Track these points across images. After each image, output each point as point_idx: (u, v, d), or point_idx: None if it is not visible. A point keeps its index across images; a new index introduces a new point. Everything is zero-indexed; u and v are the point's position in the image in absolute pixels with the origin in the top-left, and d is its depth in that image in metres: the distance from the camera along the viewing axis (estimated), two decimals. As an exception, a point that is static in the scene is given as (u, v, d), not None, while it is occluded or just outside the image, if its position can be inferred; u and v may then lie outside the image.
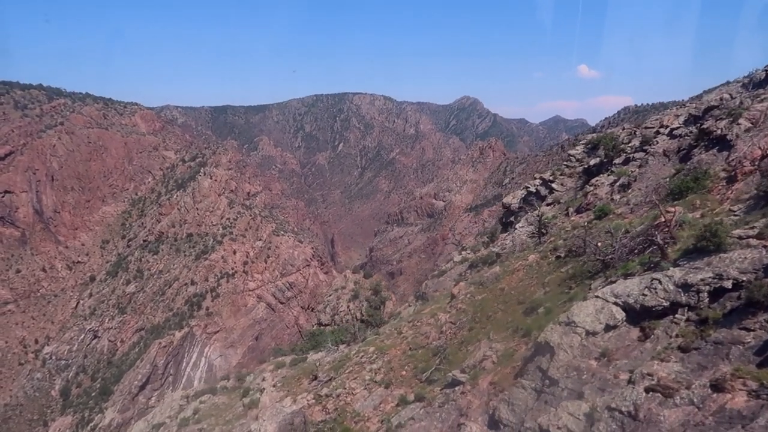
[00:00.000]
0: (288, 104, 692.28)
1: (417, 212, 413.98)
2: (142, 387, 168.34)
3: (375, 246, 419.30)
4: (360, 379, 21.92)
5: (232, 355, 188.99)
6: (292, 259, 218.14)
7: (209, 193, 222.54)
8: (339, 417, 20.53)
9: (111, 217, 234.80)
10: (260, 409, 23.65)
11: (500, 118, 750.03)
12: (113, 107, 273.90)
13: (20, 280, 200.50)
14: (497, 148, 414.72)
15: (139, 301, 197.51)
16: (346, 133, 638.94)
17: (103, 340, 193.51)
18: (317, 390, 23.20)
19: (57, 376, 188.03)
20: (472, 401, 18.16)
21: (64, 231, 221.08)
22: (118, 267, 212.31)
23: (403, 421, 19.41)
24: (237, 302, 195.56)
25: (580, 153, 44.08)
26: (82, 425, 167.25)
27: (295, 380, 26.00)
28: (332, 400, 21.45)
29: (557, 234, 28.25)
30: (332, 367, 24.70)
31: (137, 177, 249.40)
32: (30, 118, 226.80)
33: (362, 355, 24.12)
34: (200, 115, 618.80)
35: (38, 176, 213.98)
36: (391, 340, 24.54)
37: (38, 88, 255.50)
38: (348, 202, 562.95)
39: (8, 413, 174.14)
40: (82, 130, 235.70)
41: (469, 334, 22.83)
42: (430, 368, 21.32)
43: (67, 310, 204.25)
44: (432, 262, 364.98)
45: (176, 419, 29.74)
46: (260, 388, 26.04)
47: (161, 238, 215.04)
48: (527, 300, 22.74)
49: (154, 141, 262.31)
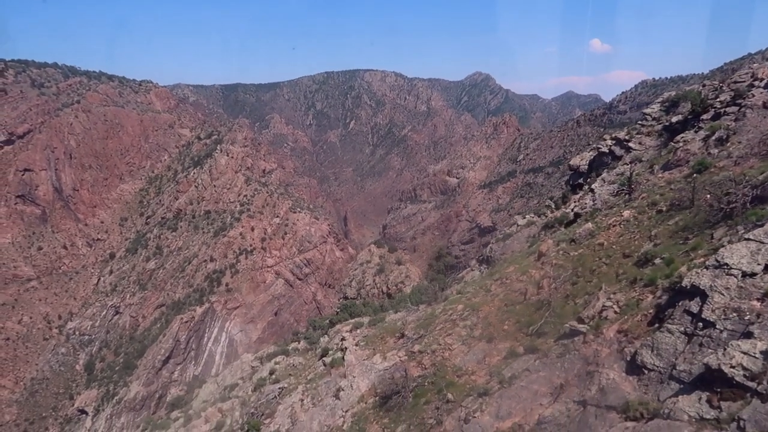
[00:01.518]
0: (299, 82, 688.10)
1: (430, 189, 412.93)
2: (165, 361, 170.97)
3: (388, 223, 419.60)
4: (455, 335, 21.90)
5: (252, 330, 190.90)
6: (309, 235, 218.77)
7: (226, 170, 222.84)
8: (438, 372, 20.53)
9: (129, 195, 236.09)
10: (347, 368, 23.71)
11: (512, 94, 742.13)
12: (128, 85, 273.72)
13: (42, 257, 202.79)
14: (511, 123, 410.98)
15: (160, 277, 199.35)
16: (358, 110, 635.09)
17: (124, 315, 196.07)
18: (408, 347, 23.23)
19: (81, 351, 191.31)
20: (599, 350, 18.07)
21: (83, 209, 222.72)
22: (138, 244, 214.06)
23: (517, 372, 19.39)
24: (256, 278, 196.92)
25: (657, 112, 43.43)
26: (107, 398, 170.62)
27: (378, 339, 26.05)
28: (427, 356, 21.46)
29: (650, 190, 27.91)
30: (419, 326, 24.71)
31: (153, 155, 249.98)
32: (47, 96, 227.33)
33: (451, 312, 24.09)
34: (211, 94, 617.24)
35: (56, 154, 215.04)
36: (479, 298, 24.46)
37: (53, 67, 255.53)
38: (360, 180, 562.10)
39: (35, 387, 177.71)
40: (98, 108, 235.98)
41: (574, 288, 22.81)
42: (537, 322, 21.21)
43: (88, 286, 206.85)
44: (446, 238, 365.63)
45: (250, 380, 29.95)
46: (341, 347, 26.08)
47: (179, 215, 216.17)
48: (634, 253, 22.63)
49: (169, 119, 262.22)
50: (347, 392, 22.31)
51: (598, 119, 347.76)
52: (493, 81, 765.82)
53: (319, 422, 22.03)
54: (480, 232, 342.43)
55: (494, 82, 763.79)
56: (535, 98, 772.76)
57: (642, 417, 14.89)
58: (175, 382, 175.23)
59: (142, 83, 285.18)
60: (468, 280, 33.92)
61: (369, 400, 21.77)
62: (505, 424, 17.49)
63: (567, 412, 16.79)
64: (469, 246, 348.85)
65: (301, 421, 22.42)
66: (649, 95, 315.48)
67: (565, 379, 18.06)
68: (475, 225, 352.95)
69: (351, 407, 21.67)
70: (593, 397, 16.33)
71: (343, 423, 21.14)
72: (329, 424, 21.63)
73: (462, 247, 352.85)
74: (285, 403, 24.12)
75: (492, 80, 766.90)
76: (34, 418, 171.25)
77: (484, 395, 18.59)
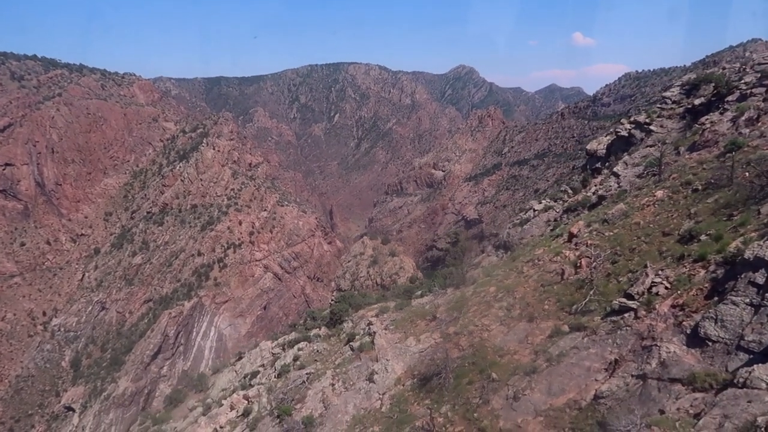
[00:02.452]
0: (282, 75, 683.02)
1: (416, 182, 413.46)
2: (154, 356, 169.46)
3: (374, 216, 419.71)
4: (492, 316, 21.89)
5: (242, 324, 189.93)
6: (297, 229, 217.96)
7: (212, 163, 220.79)
8: (478, 352, 20.50)
9: (113, 189, 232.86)
10: (378, 351, 23.58)
11: (496, 87, 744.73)
12: (111, 78, 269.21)
13: (25, 253, 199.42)
14: (496, 116, 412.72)
15: (146, 272, 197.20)
16: (342, 103, 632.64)
17: (111, 311, 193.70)
18: (442, 329, 23.20)
19: (66, 348, 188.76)
20: (653, 325, 18.15)
21: (66, 203, 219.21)
22: (123, 239, 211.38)
23: (564, 350, 19.44)
24: (244, 272, 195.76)
25: (677, 95, 43.70)
26: (94, 395, 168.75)
27: (408, 322, 25.96)
28: (464, 338, 21.44)
29: (681, 170, 28.09)
30: (451, 308, 24.67)
31: (137, 148, 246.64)
32: (27, 89, 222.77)
33: (483, 294, 24.08)
34: (194, 87, 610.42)
35: (38, 148, 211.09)
36: (511, 280, 24.47)
37: (33, 59, 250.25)
38: (345, 174, 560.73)
39: (20, 384, 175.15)
40: (80, 101, 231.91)
41: (615, 267, 22.97)
42: (580, 300, 21.31)
43: (73, 282, 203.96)
44: (432, 231, 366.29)
45: (272, 367, 29.68)
46: (369, 332, 25.95)
47: (165, 209, 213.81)
48: (674, 231, 22.81)
49: (153, 112, 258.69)
50: (382, 375, 22.22)
51: (582, 112, 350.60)
52: (476, 74, 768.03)
53: (354, 405, 21.91)
54: (466, 225, 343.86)
55: (478, 75, 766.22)
56: (518, 91, 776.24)
57: (711, 388, 14.99)
58: (164, 378, 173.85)
59: (125, 76, 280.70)
60: (486, 265, 34.04)
61: (406, 382, 21.72)
62: (559, 400, 17.55)
63: (625, 386, 16.90)
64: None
65: (335, 405, 22.28)
66: (632, 87, 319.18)
67: (619, 355, 18.17)
68: (461, 218, 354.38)
69: (388, 389, 21.59)
70: (654, 371, 16.43)
71: (381, 405, 21.04)
72: (366, 407, 21.51)
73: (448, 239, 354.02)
74: (315, 388, 23.95)
75: (476, 73, 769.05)
76: (20, 416, 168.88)
77: (531, 373, 18.65)
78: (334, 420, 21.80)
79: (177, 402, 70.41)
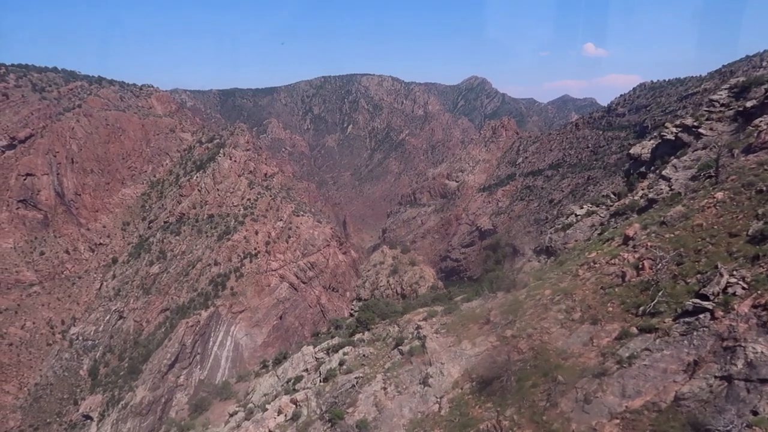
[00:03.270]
0: (296, 86, 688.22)
1: (430, 193, 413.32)
2: (171, 365, 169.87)
3: (388, 227, 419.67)
4: (551, 319, 21.69)
5: (258, 334, 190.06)
6: (313, 239, 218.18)
7: (229, 173, 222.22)
8: (539, 355, 20.27)
9: (130, 199, 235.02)
10: (431, 355, 23.40)
11: (509, 98, 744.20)
12: (129, 89, 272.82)
13: (44, 262, 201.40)
14: (510, 127, 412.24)
15: (164, 281, 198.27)
16: (355, 114, 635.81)
17: (128, 320, 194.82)
18: (497, 332, 23.00)
19: (84, 356, 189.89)
20: (734, 325, 17.86)
21: (85, 213, 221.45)
22: (140, 248, 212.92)
23: (636, 352, 19.17)
24: (260, 282, 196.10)
25: (725, 98, 43.15)
26: (112, 403, 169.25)
27: (459, 326, 25.78)
28: (523, 341, 21.23)
29: (740, 172, 27.78)
30: (505, 311, 24.47)
31: (155, 159, 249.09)
32: (48, 101, 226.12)
33: (539, 298, 23.88)
34: (209, 99, 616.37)
35: (58, 159, 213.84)
36: (567, 283, 24.24)
37: (54, 71, 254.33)
38: (358, 184, 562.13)
39: (39, 392, 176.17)
40: (99, 113, 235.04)
41: (681, 269, 22.66)
42: (646, 302, 21.02)
43: (91, 291, 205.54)
44: (446, 242, 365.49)
45: (317, 371, 29.53)
46: (418, 336, 25.78)
47: (182, 219, 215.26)
48: (742, 231, 22.52)
49: (170, 123, 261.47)
50: (437, 379, 22.01)
51: (597, 122, 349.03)
52: (489, 85, 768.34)
53: (410, 409, 21.71)
54: (480, 235, 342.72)
55: (490, 85, 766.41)
56: (531, 102, 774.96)
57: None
58: (180, 387, 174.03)
59: (143, 87, 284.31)
60: (528, 269, 33.82)
61: (464, 385, 21.49)
62: (635, 402, 17.25)
63: (708, 387, 16.57)
64: (469, 249, 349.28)
65: (389, 409, 22.10)
66: (647, 98, 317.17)
67: (698, 356, 17.85)
68: (476, 228, 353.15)
69: (445, 393, 21.38)
70: (741, 372, 16.13)
71: (439, 409, 20.83)
72: (422, 410, 21.32)
73: (462, 250, 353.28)
74: (366, 392, 23.78)
75: (488, 84, 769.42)
76: (39, 424, 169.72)
77: (601, 375, 18.36)
78: (390, 424, 21.58)
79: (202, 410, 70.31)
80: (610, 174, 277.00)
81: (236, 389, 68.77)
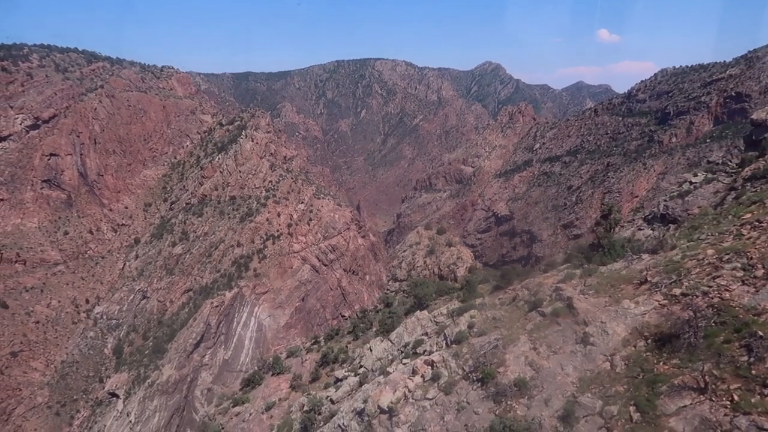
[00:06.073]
0: (309, 71, 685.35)
1: (445, 178, 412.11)
2: (196, 345, 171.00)
3: (403, 212, 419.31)
4: (727, 276, 21.27)
5: (281, 315, 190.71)
6: (333, 222, 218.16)
7: (251, 155, 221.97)
8: (723, 312, 19.83)
9: (152, 181, 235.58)
10: (583, 315, 23.06)
11: (523, 84, 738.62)
12: (150, 71, 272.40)
13: (69, 241, 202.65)
14: (527, 113, 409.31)
15: (187, 262, 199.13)
16: (369, 99, 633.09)
17: (152, 300, 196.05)
18: (662, 291, 22.60)
19: (109, 335, 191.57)
20: None
21: (108, 194, 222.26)
22: (163, 229, 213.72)
23: None
24: (283, 264, 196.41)
25: None
26: (138, 381, 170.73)
27: (609, 287, 25.41)
28: (698, 299, 20.81)
29: None
30: (664, 272, 24.04)
31: (176, 140, 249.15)
32: (71, 81, 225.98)
33: (701, 257, 23.48)
34: (222, 82, 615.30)
35: (81, 139, 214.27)
36: (730, 243, 23.79)
37: (75, 52, 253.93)
38: (372, 169, 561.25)
39: (65, 370, 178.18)
40: (122, 93, 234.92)
41: None
42: None
43: (114, 271, 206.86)
44: (462, 227, 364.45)
45: (439, 335, 29.23)
46: (560, 297, 25.39)
47: (204, 200, 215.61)
48: None
49: (191, 104, 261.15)
50: (600, 338, 21.69)
51: (617, 108, 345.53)
52: (503, 70, 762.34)
53: (573, 367, 21.41)
54: (497, 221, 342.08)
55: (504, 71, 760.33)
56: (545, 88, 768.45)
57: None
58: (205, 366, 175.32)
59: (163, 69, 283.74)
60: (641, 237, 33.45)
61: (637, 343, 21.14)
62: None
63: None
64: (485, 235, 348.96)
65: (547, 368, 21.83)
66: (669, 84, 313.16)
67: None
68: (492, 214, 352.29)
69: (616, 351, 21.07)
70: None
71: (612, 366, 20.50)
72: (590, 368, 21.01)
73: (478, 236, 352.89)
74: (513, 353, 23.50)
75: (502, 70, 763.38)
76: (66, 401, 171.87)
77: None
78: (553, 382, 21.29)
79: (254, 384, 70.82)
80: (630, 160, 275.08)
81: (288, 364, 68.95)
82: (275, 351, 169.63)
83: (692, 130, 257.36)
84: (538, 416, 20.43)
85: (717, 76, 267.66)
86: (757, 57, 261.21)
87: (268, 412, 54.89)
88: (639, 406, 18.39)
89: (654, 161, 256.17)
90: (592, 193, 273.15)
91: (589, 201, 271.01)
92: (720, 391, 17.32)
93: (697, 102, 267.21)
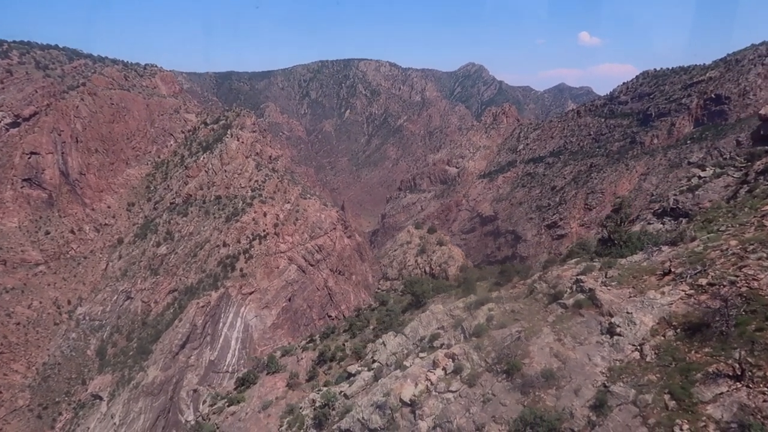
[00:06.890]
0: (293, 70, 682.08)
1: (430, 179, 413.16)
2: (182, 346, 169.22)
3: (387, 212, 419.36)
4: (754, 266, 21.48)
5: (267, 315, 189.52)
6: (320, 222, 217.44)
7: (237, 155, 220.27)
8: (753, 300, 20.05)
9: (135, 180, 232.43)
10: (608, 306, 23.16)
11: (506, 86, 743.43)
12: (133, 69, 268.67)
13: (50, 241, 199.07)
14: (511, 114, 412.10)
15: (171, 262, 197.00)
16: (353, 99, 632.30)
17: (136, 301, 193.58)
18: (687, 281, 22.77)
19: (92, 336, 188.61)
20: None
21: (90, 193, 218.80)
22: (147, 229, 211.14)
23: None
24: (270, 264, 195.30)
25: None
26: (122, 383, 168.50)
27: (631, 278, 25.53)
28: (725, 288, 21.02)
29: None
30: (687, 262, 24.22)
31: (159, 139, 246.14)
32: (52, 78, 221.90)
33: (725, 248, 23.72)
34: (205, 82, 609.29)
35: (63, 137, 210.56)
36: (753, 233, 24.06)
37: (56, 49, 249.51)
38: (356, 170, 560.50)
39: (47, 372, 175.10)
40: (104, 92, 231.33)
41: None
42: None
43: (97, 271, 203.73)
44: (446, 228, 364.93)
45: (456, 329, 29.13)
46: (581, 289, 25.45)
47: (189, 200, 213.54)
48: None
49: (174, 103, 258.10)
50: (627, 328, 21.78)
51: (599, 110, 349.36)
52: (486, 72, 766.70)
53: (602, 357, 21.47)
54: (481, 222, 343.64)
55: (488, 73, 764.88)
56: (527, 90, 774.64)
57: None
58: (191, 367, 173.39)
59: (147, 67, 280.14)
60: (652, 231, 33.81)
61: (666, 332, 21.27)
62: None
63: None
64: (470, 235, 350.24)
65: (573, 359, 21.87)
66: (650, 86, 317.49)
67: None
68: (476, 214, 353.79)
69: (645, 341, 21.18)
70: None
71: (642, 356, 20.60)
72: (619, 358, 21.09)
73: (463, 236, 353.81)
74: (536, 344, 23.50)
75: (485, 71, 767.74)
76: (48, 403, 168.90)
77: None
78: (581, 372, 21.32)
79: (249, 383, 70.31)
80: (613, 161, 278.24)
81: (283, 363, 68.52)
82: (262, 351, 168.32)
83: (673, 131, 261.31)
84: (569, 406, 20.50)
85: (697, 79, 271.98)
86: (736, 60, 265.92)
87: (266, 410, 54.59)
88: (674, 394, 18.53)
89: (636, 162, 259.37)
90: (576, 194, 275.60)
91: (573, 201, 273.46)
92: (757, 378, 17.55)
93: (677, 104, 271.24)
